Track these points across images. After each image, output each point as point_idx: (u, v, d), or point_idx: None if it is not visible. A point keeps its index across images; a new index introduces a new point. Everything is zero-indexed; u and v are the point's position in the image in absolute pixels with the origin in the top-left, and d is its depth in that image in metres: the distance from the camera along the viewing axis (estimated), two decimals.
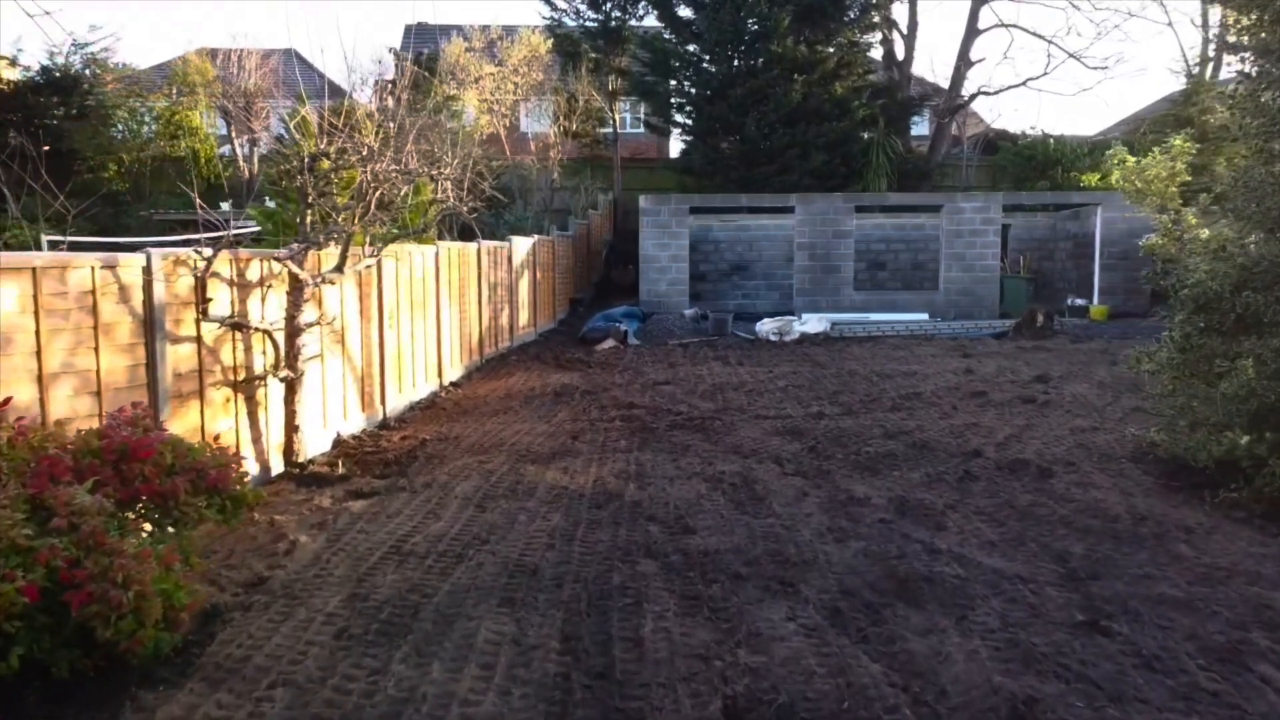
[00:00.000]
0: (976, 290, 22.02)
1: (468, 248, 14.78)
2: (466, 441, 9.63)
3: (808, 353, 16.24)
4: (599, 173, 29.65)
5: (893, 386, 12.41)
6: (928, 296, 22.28)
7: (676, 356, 16.14)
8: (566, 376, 13.94)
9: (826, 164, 25.75)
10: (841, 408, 10.98)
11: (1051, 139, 27.45)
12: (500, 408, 11.59)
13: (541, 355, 16.40)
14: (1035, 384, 12.46)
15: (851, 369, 13.96)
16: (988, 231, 22.07)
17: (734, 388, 12.49)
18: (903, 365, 14.42)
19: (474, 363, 14.95)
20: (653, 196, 22.26)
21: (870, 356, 15.61)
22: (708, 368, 14.50)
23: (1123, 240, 22.06)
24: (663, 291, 22.03)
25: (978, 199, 22.15)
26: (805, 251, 22.05)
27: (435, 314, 13.10)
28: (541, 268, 19.97)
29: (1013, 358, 15.14)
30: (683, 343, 18.30)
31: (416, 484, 7.91)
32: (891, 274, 25.73)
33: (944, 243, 22.10)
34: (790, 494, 7.45)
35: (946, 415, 10.51)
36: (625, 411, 10.95)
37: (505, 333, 17.02)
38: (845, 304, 22.02)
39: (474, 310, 15.05)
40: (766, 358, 15.70)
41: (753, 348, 17.44)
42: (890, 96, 27.39)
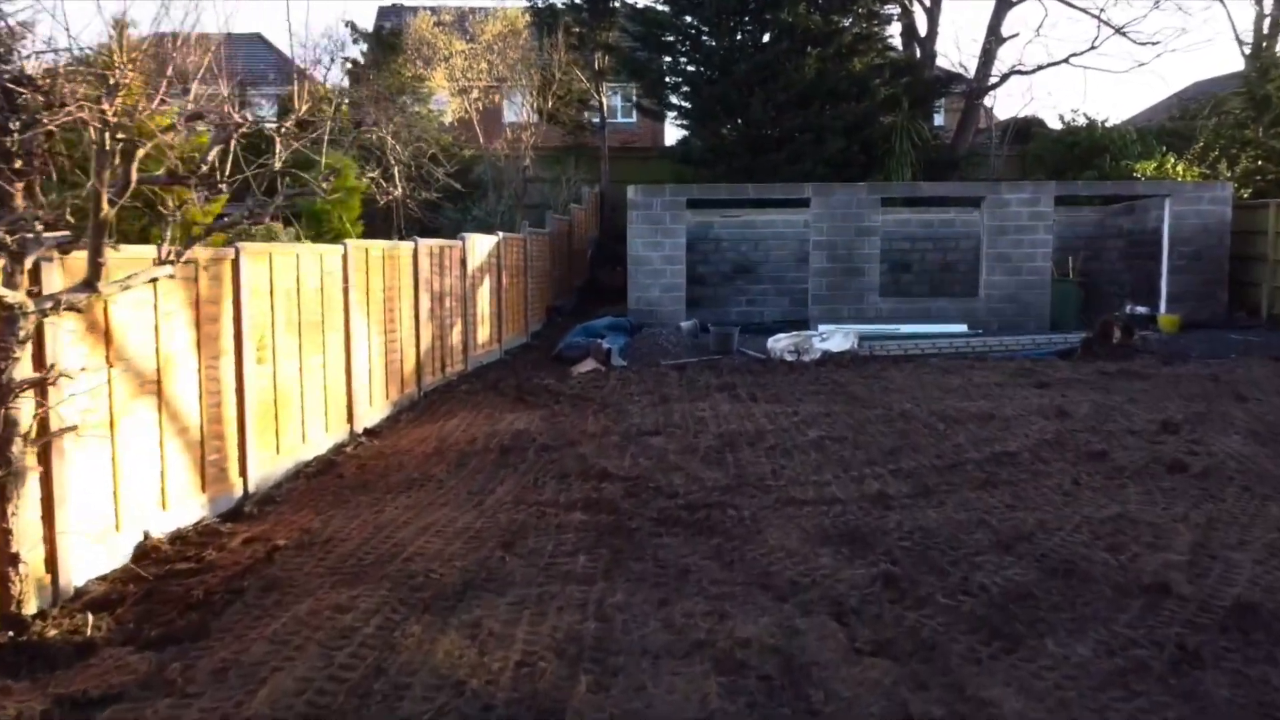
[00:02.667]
0: (1024, 297, 18.51)
1: (398, 248, 11.22)
2: (340, 550, 6.09)
3: (837, 380, 12.71)
4: (585, 163, 26.12)
5: (968, 438, 8.88)
6: (965, 305, 18.76)
7: (670, 385, 12.60)
8: (525, 418, 10.40)
9: (843, 151, 22.24)
10: (910, 481, 7.44)
11: (1099, 124, 23.94)
12: (418, 475, 8.05)
13: (501, 383, 12.85)
14: (1163, 435, 8.94)
15: (902, 408, 10.42)
16: (1037, 228, 18.55)
17: (749, 441, 8.95)
18: (966, 401, 10.89)
19: (407, 398, 11.40)
20: (643, 188, 18.72)
21: (918, 386, 12.08)
22: (710, 404, 10.96)
23: (1196, 238, 18.55)
24: (655, 299, 18.50)
25: (1025, 190, 18.63)
26: (823, 252, 18.52)
27: (344, 336, 9.56)
28: (509, 271, 16.42)
29: (1104, 389, 11.61)
30: (678, 364, 14.77)
31: (201, 672, 4.38)
32: (917, 277, 22.21)
33: (985, 241, 18.58)
34: (876, 710, 3.93)
35: (1070, 496, 6.98)
36: (594, 488, 7.41)
37: (456, 354, 13.46)
38: (870, 313, 18.50)
39: (408, 328, 11.50)
40: (786, 388, 12.16)
41: (765, 371, 13.91)
42: (913, 75, 23.86)
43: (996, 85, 24.68)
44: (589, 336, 16.59)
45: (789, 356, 14.84)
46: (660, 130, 33.84)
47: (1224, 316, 18.46)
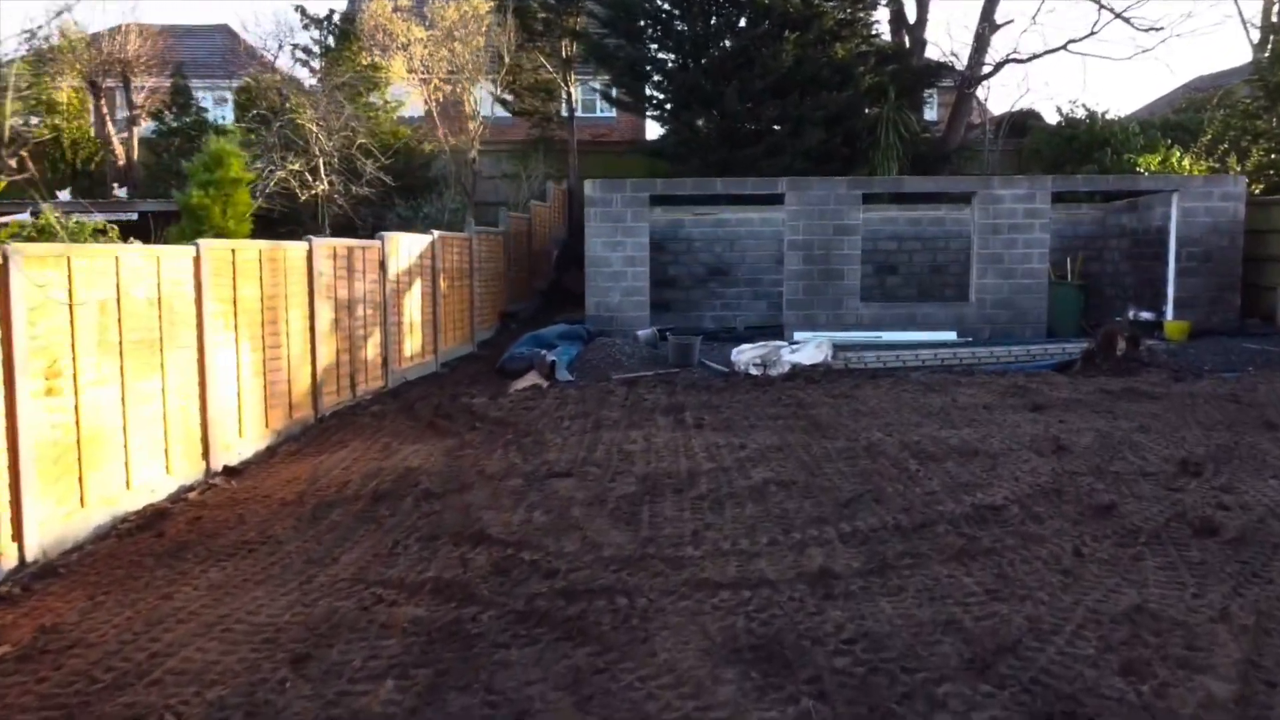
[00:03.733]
0: (1019, 301, 16.84)
1: (281, 249, 9.55)
2: (76, 662, 4.43)
3: (802, 400, 11.03)
4: (553, 158, 24.44)
5: (945, 483, 7.20)
6: (955, 310, 17.09)
7: (612, 406, 10.94)
8: (425, 451, 8.74)
9: (825, 144, 20.56)
10: (865, 550, 5.75)
11: (1099, 115, 22.24)
12: (256, 535, 6.38)
13: (419, 404, 11.18)
14: (1183, 478, 7.27)
15: (871, 439, 8.75)
16: (1033, 226, 16.88)
17: (677, 486, 7.27)
18: (947, 429, 9.21)
19: (297, 423, 9.73)
20: (602, 182, 17.05)
21: (894, 408, 10.40)
22: (647, 432, 9.28)
23: (1206, 237, 16.89)
24: (615, 304, 16.84)
25: (1020, 184, 16.96)
26: (799, 252, 16.86)
27: (196, 355, 7.89)
28: (448, 274, 14.76)
29: (1108, 413, 9.94)
30: (630, 379, 13.10)
31: None
32: (905, 280, 20.54)
33: (976, 241, 16.91)
34: None
35: (1070, 576, 5.30)
36: (460, 559, 5.74)
37: (373, 369, 11.80)
38: (850, 319, 16.84)
39: (300, 343, 9.83)
40: (741, 410, 10.49)
41: (724, 388, 12.25)
42: (901, 63, 22.16)
43: (990, 75, 23.00)
44: (538, 346, 14.95)
45: (754, 370, 13.17)
46: (641, 125, 32.16)
47: (1236, 323, 16.80)
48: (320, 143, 16.32)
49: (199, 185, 12.20)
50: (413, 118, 24.69)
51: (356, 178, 16.59)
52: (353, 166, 16.81)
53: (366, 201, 20.52)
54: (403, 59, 23.00)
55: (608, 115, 32.75)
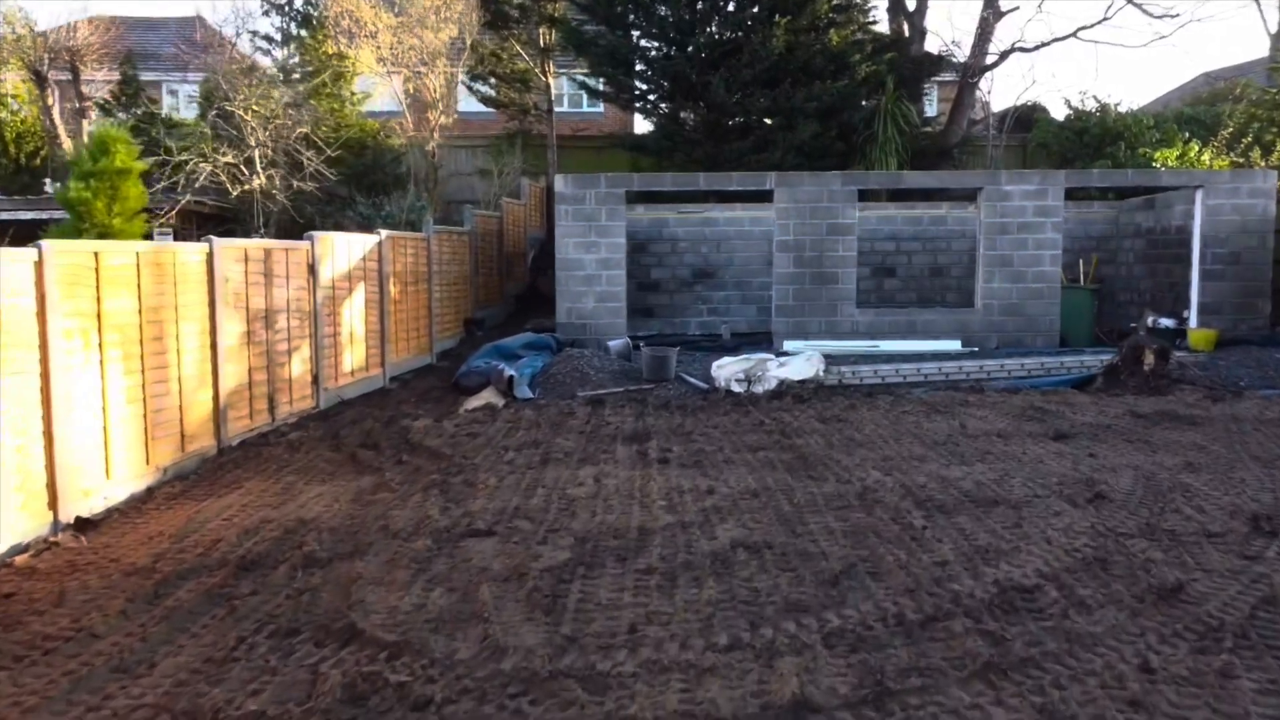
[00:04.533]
0: (1028, 308, 15.34)
1: (168, 252, 8.03)
2: None
3: (788, 425, 9.51)
4: (531, 153, 22.92)
5: (960, 548, 5.67)
6: (958, 317, 15.58)
7: (568, 433, 9.42)
8: (330, 494, 7.23)
9: (818, 138, 19.03)
10: (856, 664, 4.21)
11: (1112, 108, 20.72)
12: (66, 625, 4.87)
13: (347, 430, 9.67)
14: (1257, 538, 5.74)
15: (866, 481, 7.23)
16: (1044, 225, 15.37)
17: (621, 551, 5.75)
18: (958, 465, 7.70)
19: (192, 457, 8.21)
20: (574, 177, 15.53)
21: (893, 437, 8.88)
22: (602, 470, 7.76)
23: (1234, 237, 15.38)
24: (588, 310, 15.32)
25: (1031, 180, 15.44)
26: (789, 254, 15.35)
27: (40, 382, 6.39)
28: (400, 279, 13.25)
29: (1144, 442, 8.43)
30: (596, 396, 11.59)
31: None
32: (904, 283, 19.05)
33: (983, 241, 15.40)
34: None
35: (1143, 714, 3.79)
36: (306, 678, 4.19)
37: (299, 388, 10.28)
38: (845, 327, 15.33)
39: (197, 361, 8.32)
40: (716, 439, 8.97)
41: (701, 409, 10.74)
42: (900, 51, 20.63)
43: (995, 64, 21.49)
44: (500, 358, 13.45)
45: (737, 386, 11.66)
46: (629, 120, 30.64)
47: (1267, 331, 15.30)
48: (255, 133, 14.79)
49: (80, 177, 10.64)
50: (391, 112, 23.18)
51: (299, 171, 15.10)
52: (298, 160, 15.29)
53: (331, 199, 19.02)
54: (371, 48, 21.49)
55: (594, 110, 31.23)
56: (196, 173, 14.27)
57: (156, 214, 14.47)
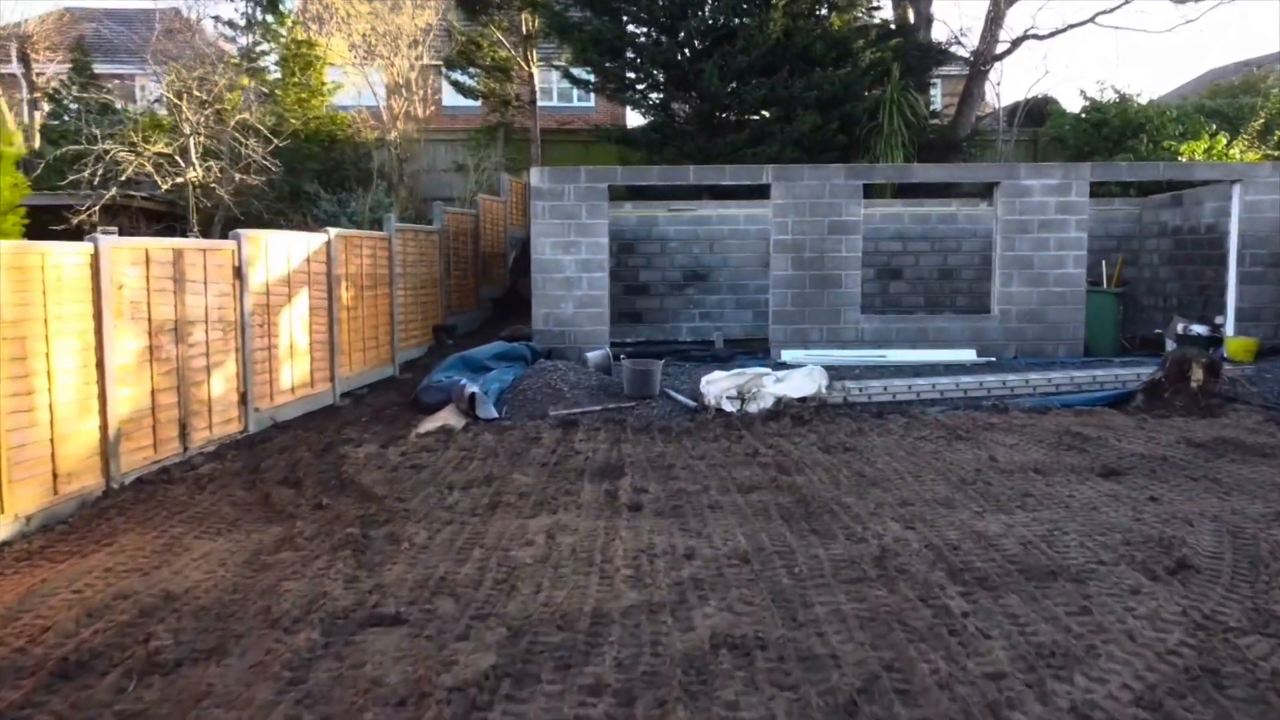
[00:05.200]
0: (1050, 314, 13.91)
1: (39, 253, 6.59)
2: None
3: (786, 456, 8.08)
4: (514, 148, 21.48)
5: (1013, 646, 4.22)
6: (973, 324, 14.14)
7: (528, 465, 7.99)
8: (219, 554, 5.78)
9: (818, 130, 17.60)
10: None
11: (1133, 99, 19.29)
12: None
13: (271, 461, 8.23)
14: None
15: (884, 537, 5.79)
16: (1068, 223, 13.94)
17: (564, 655, 4.30)
18: (995, 513, 6.25)
19: (71, 498, 6.74)
20: (551, 170, 14.09)
21: (913, 472, 7.44)
22: (556, 522, 6.31)
23: (1275, 236, 13.95)
24: (567, 317, 13.88)
25: (1053, 173, 14.00)
26: (787, 255, 13.92)
27: None
28: (356, 282, 11.82)
29: (1210, 480, 7.00)
30: (570, 416, 10.16)
31: None
32: (910, 286, 17.62)
33: (1000, 241, 13.96)
34: None
35: None
36: None
37: (221, 411, 8.82)
38: (849, 335, 13.91)
39: (74, 384, 6.87)
40: (700, 476, 7.52)
41: (687, 433, 9.31)
42: (906, 38, 19.18)
43: (1007, 53, 20.03)
44: (468, 370, 12.03)
45: (729, 405, 10.22)
46: (621, 114, 29.17)
47: None
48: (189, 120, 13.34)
49: None
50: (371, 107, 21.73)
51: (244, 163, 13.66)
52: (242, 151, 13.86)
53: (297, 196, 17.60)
54: (342, 35, 20.05)
55: (585, 105, 29.81)
56: (123, 164, 12.81)
57: (76, 210, 13.01)
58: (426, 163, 21.11)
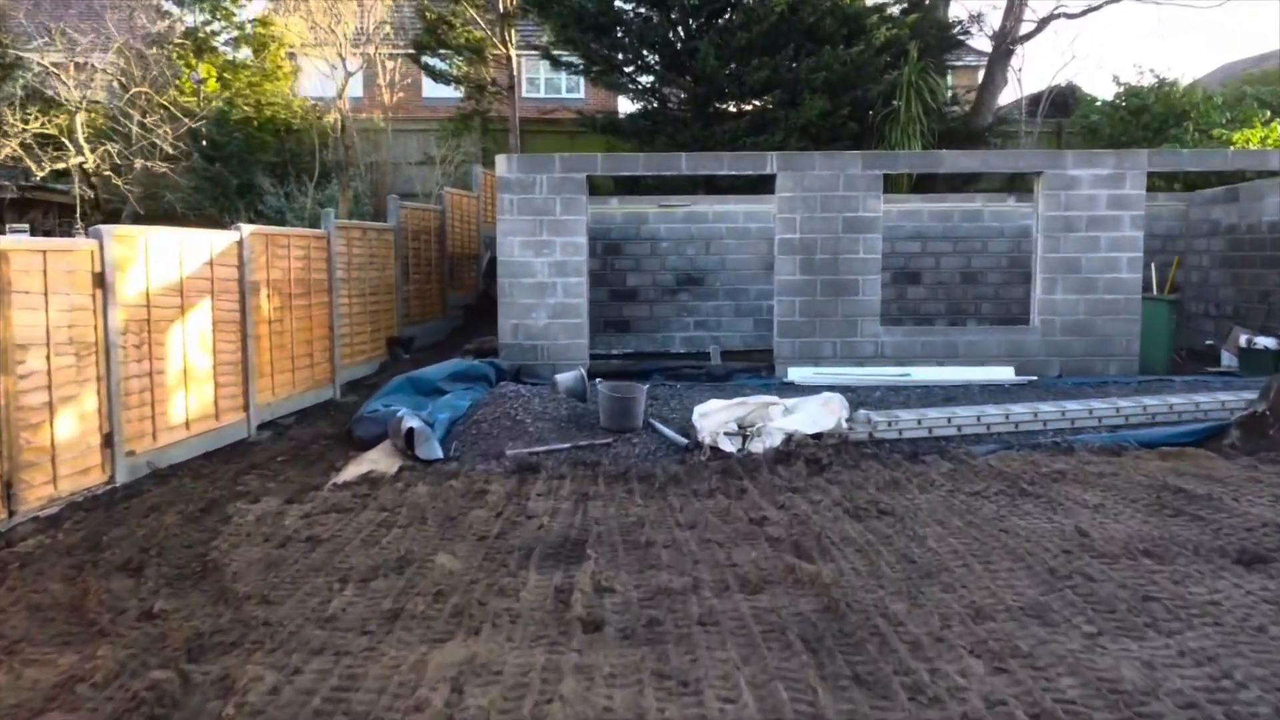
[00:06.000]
0: (1099, 326, 11.89)
1: None
2: None
3: (803, 526, 6.03)
4: (492, 139, 19.45)
5: None
6: (1010, 337, 12.11)
7: (460, 539, 5.95)
8: None
9: (827, 116, 15.59)
10: None
11: (1175, 83, 17.27)
12: None
13: (125, 529, 6.19)
14: None
15: (965, 683, 3.77)
16: (1120, 220, 11.92)
17: None
18: (1125, 645, 4.21)
19: None
20: (521, 158, 12.04)
21: (980, 559, 5.38)
22: (473, 656, 4.26)
23: None
24: (539, 329, 11.85)
25: (1104, 162, 11.97)
26: (795, 256, 11.90)
27: None
28: (279, 290, 9.78)
29: None
30: (529, 458, 8.11)
31: None
32: (930, 291, 15.61)
33: (1041, 241, 11.94)
34: None
35: None
36: None
37: (70, 460, 6.75)
38: (866, 350, 11.89)
39: None
40: (688, 560, 5.46)
41: (675, 483, 7.29)
42: (924, 14, 17.16)
43: (1034, 33, 18.01)
44: (416, 394, 10.02)
45: (728, 443, 8.18)
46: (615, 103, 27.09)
47: None
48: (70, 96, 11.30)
49: None
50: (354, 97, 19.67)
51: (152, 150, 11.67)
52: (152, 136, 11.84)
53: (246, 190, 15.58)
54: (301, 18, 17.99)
55: (574, 96, 27.75)
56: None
57: None
58: (395, 155, 19.06)
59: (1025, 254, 15.44)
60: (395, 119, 19.00)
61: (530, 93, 28.31)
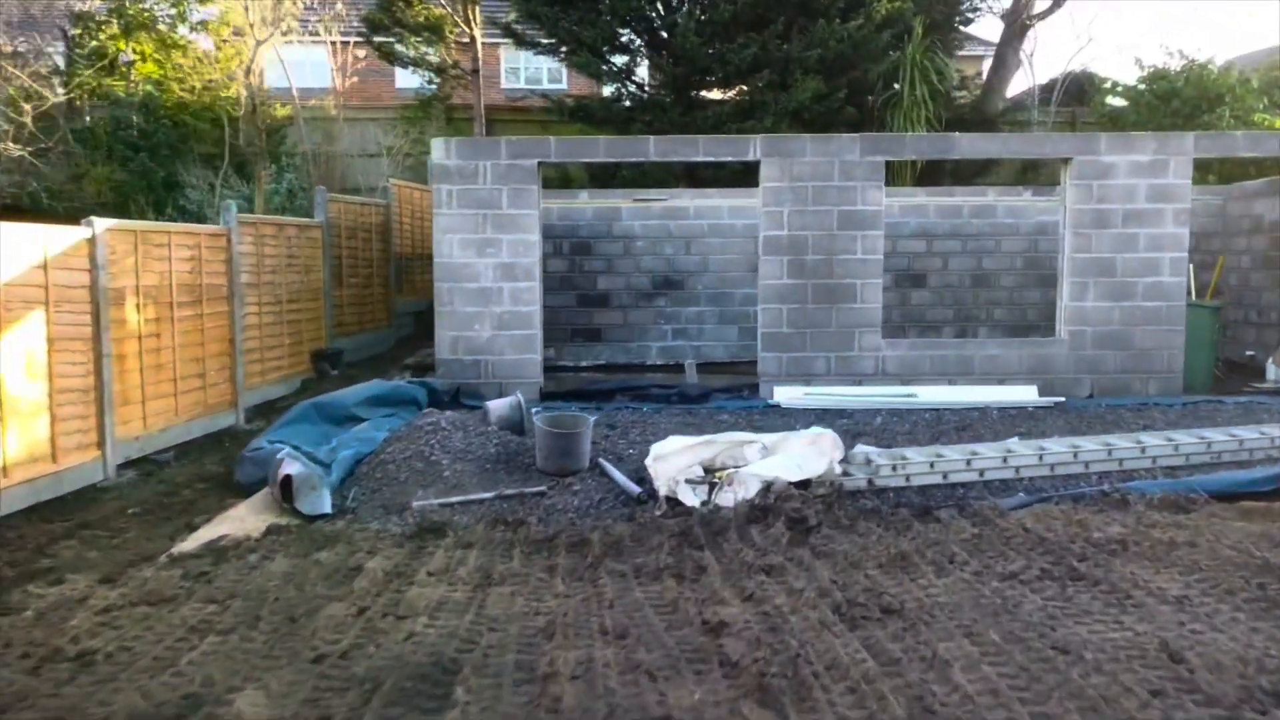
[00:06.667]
0: (1138, 338, 10.13)
1: None
2: None
3: (775, 638, 4.28)
4: (455, 128, 17.68)
5: None
6: (1033, 351, 10.33)
7: (284, 665, 4.18)
8: None
9: (822, 100, 13.84)
10: None
11: (1208, 65, 15.49)
12: None
13: None
14: None
15: None
16: (1163, 215, 10.15)
17: None
18: None
19: None
20: (460, 143, 10.25)
21: (1036, 704, 3.66)
22: None
23: None
24: (483, 342, 10.09)
25: (1143, 146, 10.17)
26: (781, 257, 10.14)
27: None
28: (153, 299, 8.03)
29: None
30: (436, 514, 6.36)
31: None
32: (937, 296, 13.87)
33: (1070, 239, 10.17)
34: None
35: None
36: None
37: None
38: (866, 366, 10.13)
39: None
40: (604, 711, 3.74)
41: (617, 553, 5.53)
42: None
43: (1049, 11, 16.23)
44: (325, 423, 8.29)
45: (690, 495, 6.41)
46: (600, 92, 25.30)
47: None
48: None
49: None
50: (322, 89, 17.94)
51: None
52: None
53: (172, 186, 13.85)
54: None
55: (556, 86, 25.95)
56: None
57: None
58: (353, 146, 17.29)
59: (1043, 254, 13.70)
60: (349, 107, 17.25)
61: (511, 83, 26.57)
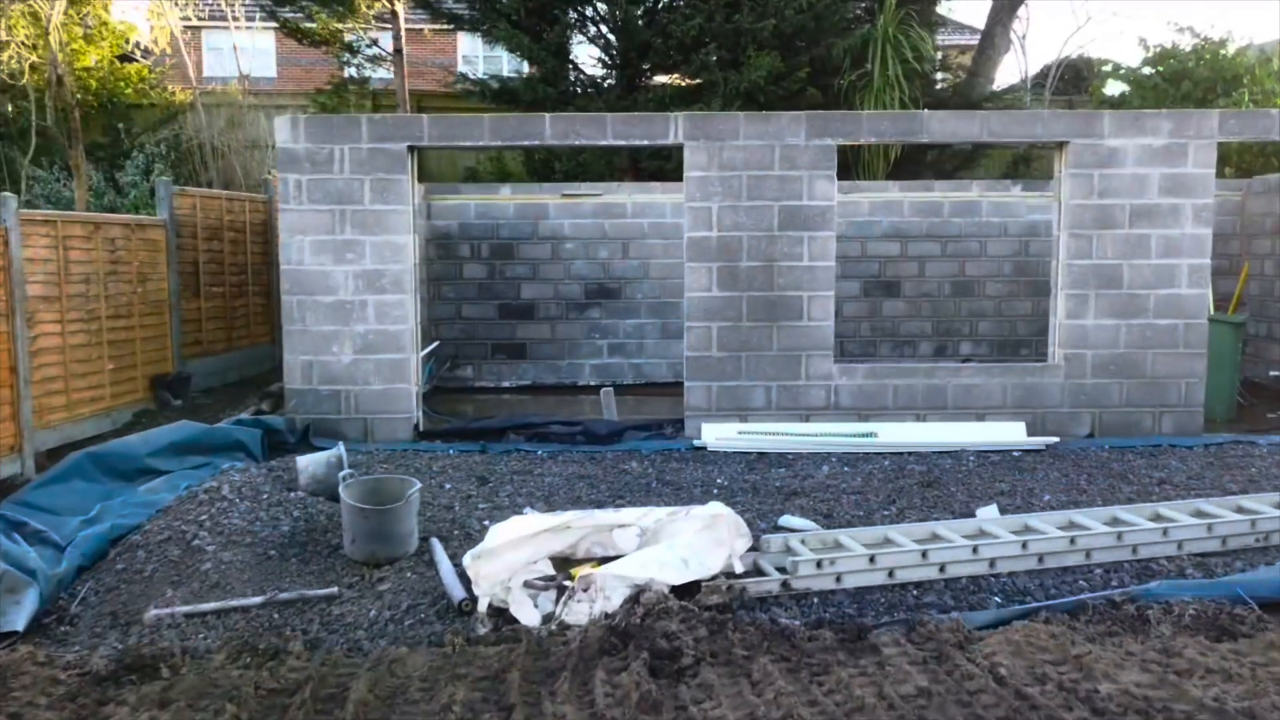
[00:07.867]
0: (1149, 363, 8.23)
1: None
2: None
3: None
4: None
5: None
6: (1020, 380, 8.40)
7: None
8: None
9: (779, 80, 11.96)
10: None
11: (1224, 43, 13.62)
12: None
13: None
14: None
15: None
16: (1180, 212, 8.24)
17: None
18: None
19: None
20: (312, 121, 8.32)
21: None
22: None
23: None
24: (341, 369, 8.17)
25: (1156, 128, 8.23)
26: (710, 264, 8.22)
27: None
28: None
29: None
30: (170, 630, 4.43)
31: None
32: (912, 307, 12.00)
33: (1066, 241, 8.26)
34: None
35: None
36: None
37: None
38: (815, 398, 8.21)
39: None
40: None
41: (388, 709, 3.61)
42: None
43: None
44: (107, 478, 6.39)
45: (526, 609, 4.48)
46: None
47: None
48: None
49: None
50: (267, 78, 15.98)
51: None
52: None
53: None
54: None
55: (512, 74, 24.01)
56: None
57: None
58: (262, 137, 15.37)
59: (1035, 258, 11.85)
60: (257, 93, 15.32)
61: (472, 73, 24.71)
